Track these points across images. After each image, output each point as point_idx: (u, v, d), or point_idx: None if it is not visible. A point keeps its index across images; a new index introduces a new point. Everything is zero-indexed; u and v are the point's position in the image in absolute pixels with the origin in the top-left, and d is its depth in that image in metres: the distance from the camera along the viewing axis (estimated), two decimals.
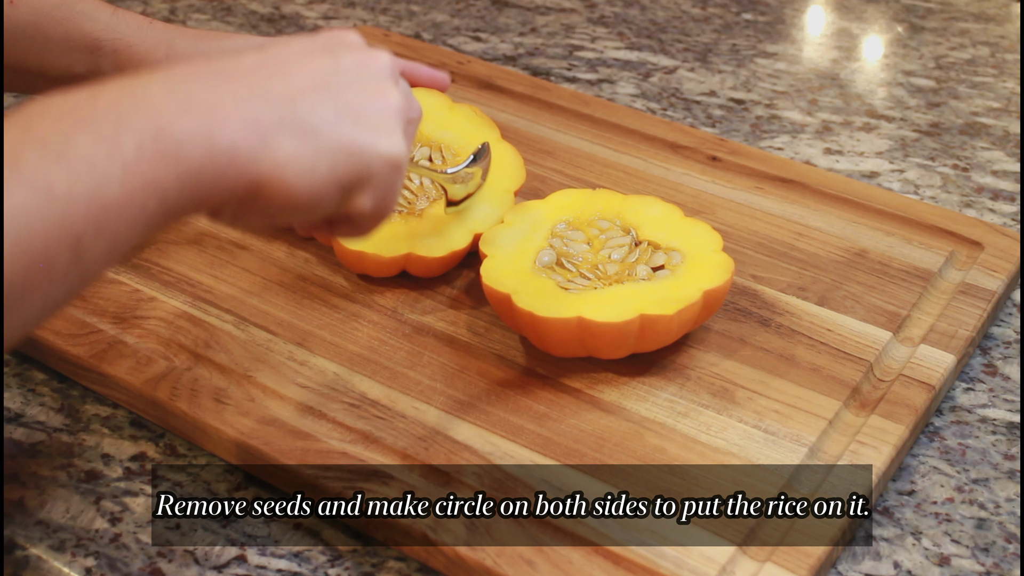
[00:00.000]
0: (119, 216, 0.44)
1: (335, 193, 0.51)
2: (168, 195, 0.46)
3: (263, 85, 0.49)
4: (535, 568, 0.57)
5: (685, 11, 1.20)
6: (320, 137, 0.50)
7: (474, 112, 0.81)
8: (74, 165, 0.43)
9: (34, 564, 0.61)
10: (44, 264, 0.42)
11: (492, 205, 0.76)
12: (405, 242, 0.74)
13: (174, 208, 0.47)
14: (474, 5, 1.20)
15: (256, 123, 0.48)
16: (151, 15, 1.15)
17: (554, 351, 0.68)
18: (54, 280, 0.43)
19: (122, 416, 0.70)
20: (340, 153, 0.50)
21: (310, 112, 0.50)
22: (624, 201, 0.75)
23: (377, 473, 0.62)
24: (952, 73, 1.08)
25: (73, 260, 0.43)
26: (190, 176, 0.46)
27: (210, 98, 0.47)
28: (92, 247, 0.44)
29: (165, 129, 0.45)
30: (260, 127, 0.48)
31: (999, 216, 0.87)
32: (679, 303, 0.66)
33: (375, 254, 0.73)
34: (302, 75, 0.51)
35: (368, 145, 0.51)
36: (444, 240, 0.74)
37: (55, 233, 0.42)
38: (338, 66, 0.53)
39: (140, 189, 0.44)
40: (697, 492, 0.61)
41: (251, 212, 0.50)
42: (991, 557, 0.62)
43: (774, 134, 0.98)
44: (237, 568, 0.61)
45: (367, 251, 0.73)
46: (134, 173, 0.44)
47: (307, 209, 0.51)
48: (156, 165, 0.45)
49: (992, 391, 0.73)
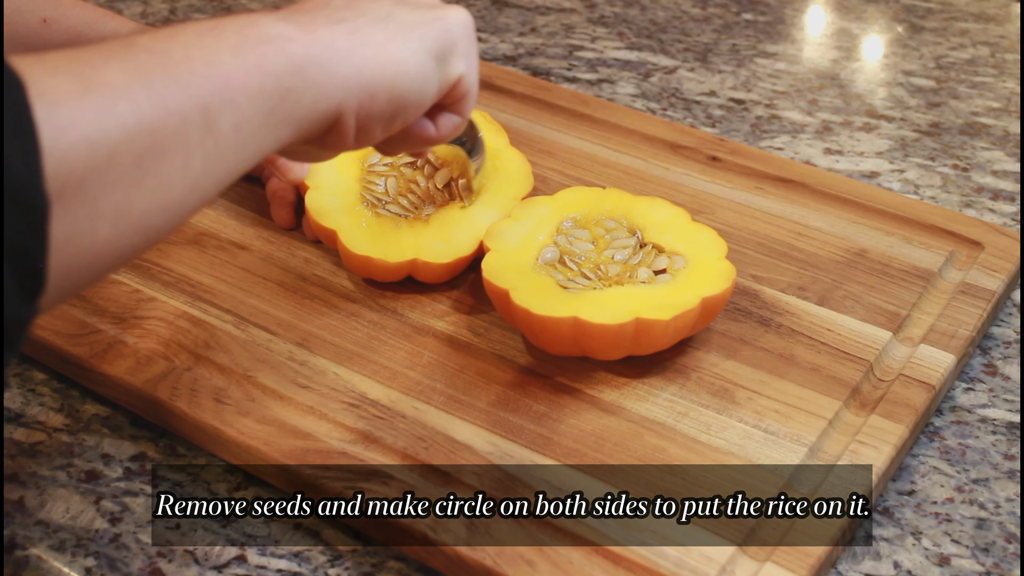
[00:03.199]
0: (240, 90, 0.47)
1: (434, 66, 0.55)
2: (283, 81, 0.48)
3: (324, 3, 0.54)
4: (535, 568, 0.57)
5: (685, 11, 1.20)
6: (397, 20, 0.55)
7: (482, 117, 0.81)
8: (186, 41, 0.46)
9: (34, 564, 0.61)
10: (178, 122, 0.44)
11: (501, 211, 0.76)
12: (411, 248, 0.73)
13: (295, 99, 0.49)
14: (474, 5, 1.20)
15: (340, 19, 0.52)
16: (151, 15, 1.15)
17: (549, 349, 0.68)
18: (190, 146, 0.45)
19: (122, 416, 0.70)
20: (421, 27, 0.55)
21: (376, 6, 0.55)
22: (633, 202, 0.75)
23: (377, 473, 0.62)
24: (952, 73, 1.08)
25: (205, 127, 0.45)
26: (298, 63, 0.49)
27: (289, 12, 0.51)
28: (221, 116, 0.46)
29: (266, 24, 0.49)
30: (345, 21, 0.52)
31: (999, 216, 0.87)
32: (676, 309, 0.66)
33: (381, 259, 0.73)
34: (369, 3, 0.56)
35: (437, 16, 0.57)
36: (450, 246, 0.74)
37: (182, 93, 0.45)
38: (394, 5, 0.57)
39: (253, 68, 0.47)
40: (697, 492, 0.61)
41: (372, 113, 0.53)
42: (991, 557, 0.62)
43: (774, 134, 0.98)
44: (237, 568, 0.61)
45: (373, 256, 0.73)
46: (244, 52, 0.47)
47: (419, 89, 0.55)
48: (264, 46, 0.48)
49: (992, 391, 0.73)
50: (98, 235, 0.42)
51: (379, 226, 0.74)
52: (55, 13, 0.74)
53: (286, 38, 0.49)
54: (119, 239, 0.43)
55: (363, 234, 0.73)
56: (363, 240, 0.73)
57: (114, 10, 1.15)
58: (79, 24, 0.74)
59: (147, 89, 0.43)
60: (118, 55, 0.44)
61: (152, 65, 0.44)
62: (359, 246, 0.73)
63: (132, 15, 1.15)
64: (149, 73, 0.44)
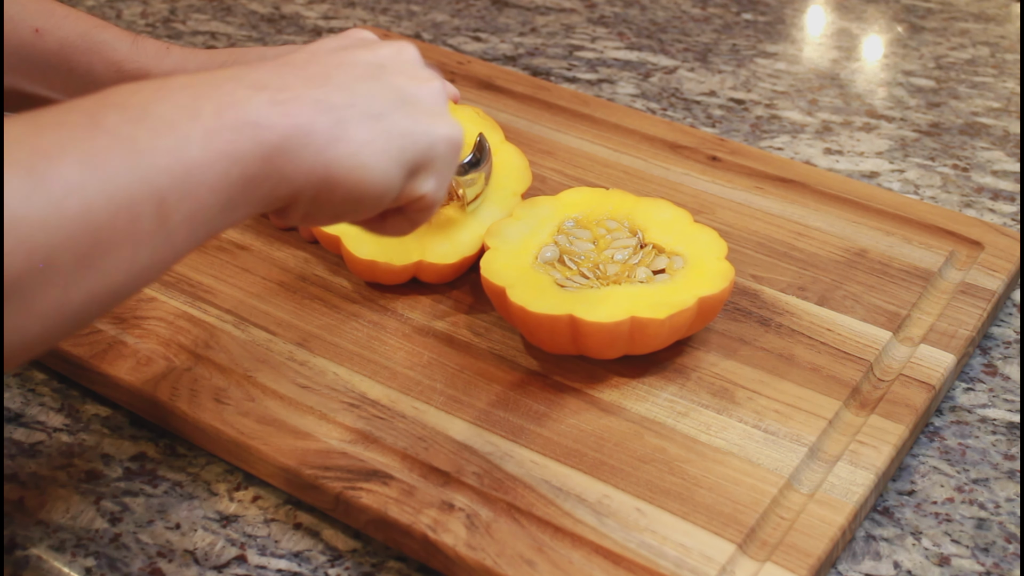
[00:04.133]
0: (202, 180, 0.45)
1: (402, 178, 0.52)
2: (249, 169, 0.46)
3: (322, 74, 0.51)
4: (535, 568, 0.57)
5: (685, 11, 1.20)
6: (387, 122, 0.51)
7: (477, 114, 0.81)
8: (155, 125, 0.44)
9: (34, 564, 0.61)
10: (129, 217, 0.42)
11: (501, 208, 0.76)
12: (416, 250, 0.73)
13: (255, 187, 0.47)
14: (474, 5, 1.20)
15: (329, 107, 0.49)
16: (151, 15, 1.15)
17: (546, 347, 0.68)
18: (139, 239, 0.43)
19: (122, 416, 0.70)
20: (406, 137, 0.52)
21: (372, 99, 0.51)
22: (636, 203, 0.75)
23: (377, 473, 0.62)
24: (952, 73, 1.08)
25: (158, 220, 0.43)
26: (269, 150, 0.47)
27: (280, 82, 0.49)
28: (176, 209, 0.44)
29: (242, 103, 0.46)
30: (333, 111, 0.49)
31: (999, 216, 0.87)
32: (671, 308, 0.66)
33: (386, 263, 0.73)
34: (353, 65, 0.52)
35: (430, 128, 0.53)
36: (455, 246, 0.74)
37: (139, 186, 0.43)
38: (377, 57, 0.54)
39: (222, 154, 0.45)
40: (697, 492, 0.61)
41: (324, 204, 0.51)
42: (991, 557, 0.62)
43: (774, 134, 0.98)
44: (237, 568, 0.61)
45: (378, 260, 0.72)
46: (214, 138, 0.45)
47: (377, 196, 0.52)
48: (235, 134, 0.46)
49: (992, 391, 0.73)
50: (28, 332, 0.41)
51: None
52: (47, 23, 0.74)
53: (264, 126, 0.46)
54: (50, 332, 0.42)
55: (366, 238, 0.73)
56: (367, 244, 0.73)
57: (114, 10, 1.15)
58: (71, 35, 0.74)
59: (102, 183, 0.42)
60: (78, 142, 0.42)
61: (113, 154, 0.42)
62: (363, 250, 0.73)
63: (132, 15, 1.15)
64: (107, 164, 0.42)
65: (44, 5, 0.75)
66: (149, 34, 1.12)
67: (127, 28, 1.12)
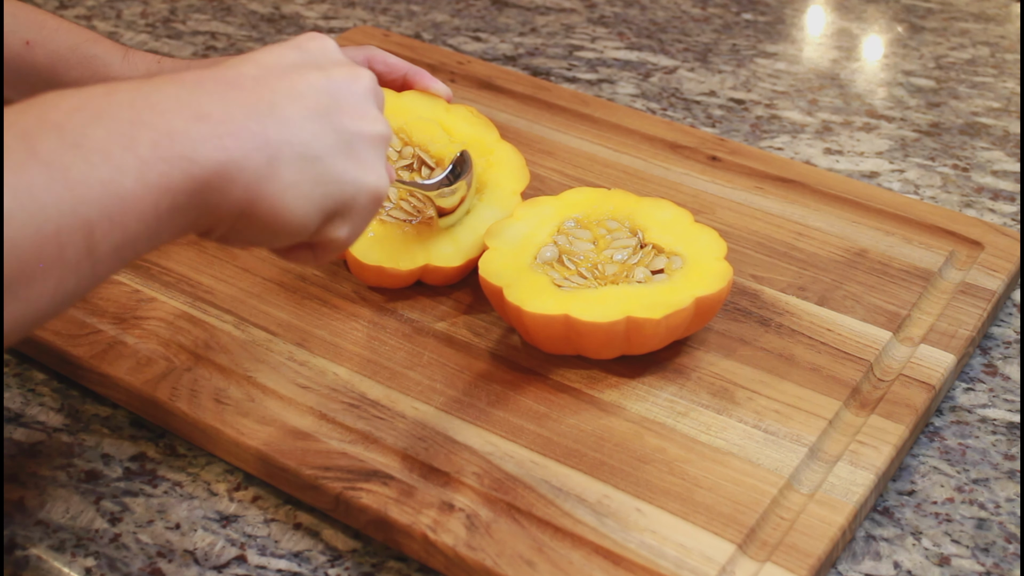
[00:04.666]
0: (132, 211, 0.44)
1: (317, 221, 0.52)
2: (178, 200, 0.46)
3: (269, 102, 0.50)
4: (535, 568, 0.57)
5: (685, 11, 1.20)
6: (320, 166, 0.51)
7: (471, 113, 0.81)
8: (90, 154, 0.43)
9: (34, 564, 0.61)
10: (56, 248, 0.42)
11: (501, 208, 0.76)
12: (421, 254, 0.73)
13: (182, 216, 0.47)
14: (474, 5, 1.20)
15: (266, 143, 0.48)
16: (151, 15, 1.15)
17: (543, 347, 0.68)
18: (65, 268, 0.43)
19: (122, 416, 0.70)
20: (333, 184, 0.51)
21: (313, 138, 0.51)
22: (637, 203, 0.75)
23: (377, 473, 0.62)
24: (952, 73, 1.08)
25: (85, 250, 0.43)
26: (200, 184, 0.46)
27: (222, 110, 0.48)
28: (104, 239, 0.44)
29: (180, 133, 0.46)
30: (269, 147, 0.49)
31: (999, 216, 0.87)
32: (667, 308, 0.66)
33: (393, 268, 0.72)
34: (304, 95, 0.51)
35: (359, 178, 0.52)
36: (459, 249, 0.74)
37: (69, 218, 0.42)
38: (331, 84, 0.53)
39: (154, 187, 0.45)
40: (697, 492, 0.61)
41: (240, 232, 0.50)
42: (991, 557, 0.62)
43: (774, 134, 0.98)
44: (237, 568, 0.61)
45: (385, 266, 0.72)
46: (149, 170, 0.45)
47: (292, 234, 0.51)
48: (170, 165, 0.45)
49: (992, 391, 0.73)
50: None
51: (386, 234, 0.74)
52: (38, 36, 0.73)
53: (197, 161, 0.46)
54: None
55: (371, 243, 0.73)
56: (372, 250, 0.73)
57: (114, 10, 1.15)
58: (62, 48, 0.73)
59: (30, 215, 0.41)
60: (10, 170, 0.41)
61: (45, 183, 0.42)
62: (369, 256, 0.73)
63: (132, 15, 1.15)
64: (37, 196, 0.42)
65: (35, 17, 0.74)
66: (149, 34, 1.12)
67: (127, 28, 1.12)
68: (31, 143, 0.43)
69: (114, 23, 1.14)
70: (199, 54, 1.09)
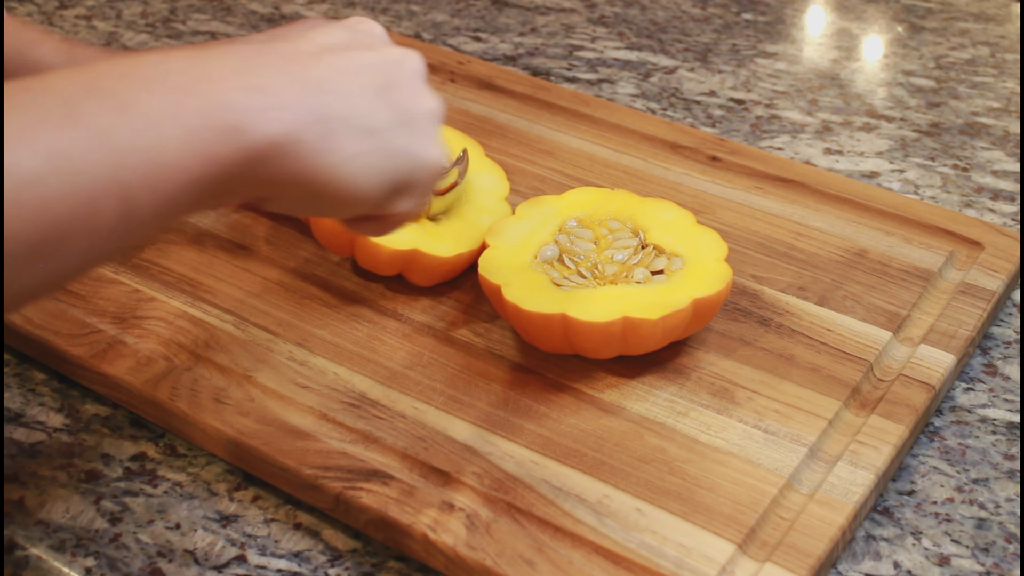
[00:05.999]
0: (174, 179, 0.44)
1: (382, 194, 0.52)
2: (228, 170, 0.45)
3: (325, 77, 0.49)
4: (535, 568, 0.57)
5: (685, 11, 1.20)
6: (379, 139, 0.50)
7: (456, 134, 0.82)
8: (136, 120, 0.43)
9: (34, 564, 0.61)
10: (91, 212, 0.41)
11: (489, 209, 0.77)
12: (408, 240, 0.73)
13: (231, 184, 0.46)
14: (474, 5, 1.20)
15: (322, 117, 0.48)
16: (151, 15, 1.15)
17: (540, 346, 0.69)
18: (99, 230, 0.42)
19: (122, 416, 0.70)
20: (395, 158, 0.51)
21: (371, 112, 0.50)
22: (639, 203, 0.75)
23: (377, 473, 0.62)
24: (952, 73, 1.08)
25: (121, 214, 0.43)
26: (252, 155, 0.46)
27: (278, 83, 0.47)
28: (142, 205, 0.43)
29: (233, 104, 0.45)
30: (326, 121, 0.48)
31: (999, 216, 0.87)
32: (665, 308, 0.66)
33: (377, 245, 0.72)
34: (359, 72, 0.51)
35: (419, 152, 0.53)
36: (447, 243, 0.74)
37: (105, 181, 0.42)
38: (385, 63, 0.53)
39: (199, 156, 0.44)
40: (697, 492, 0.61)
41: (304, 202, 0.50)
42: (991, 557, 0.62)
43: (774, 134, 0.98)
44: (237, 568, 0.61)
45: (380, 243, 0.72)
46: (195, 139, 0.44)
47: (358, 204, 0.51)
48: (219, 136, 0.45)
49: (992, 391, 0.73)
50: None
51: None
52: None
53: (249, 131, 0.45)
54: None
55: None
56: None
57: (114, 10, 1.15)
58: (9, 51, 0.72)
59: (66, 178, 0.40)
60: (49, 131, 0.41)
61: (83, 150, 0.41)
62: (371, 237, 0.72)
63: (132, 15, 1.15)
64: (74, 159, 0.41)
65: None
66: (149, 34, 1.12)
67: (127, 28, 1.12)
68: (74, 107, 0.42)
69: (114, 23, 1.14)
70: None
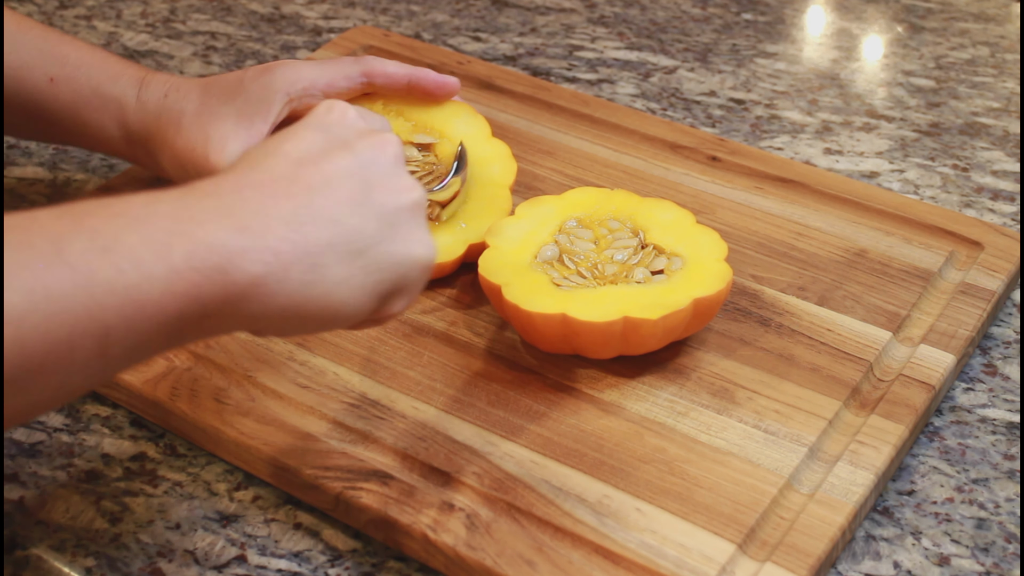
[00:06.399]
0: (153, 319, 0.44)
1: (374, 304, 0.52)
2: (207, 308, 0.45)
3: (307, 203, 0.49)
4: (535, 568, 0.57)
5: (685, 11, 1.20)
6: (366, 258, 0.50)
7: (465, 111, 0.81)
8: (120, 260, 0.43)
9: (34, 564, 0.61)
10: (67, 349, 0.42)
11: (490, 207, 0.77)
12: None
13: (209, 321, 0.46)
14: (474, 5, 1.20)
15: (307, 252, 0.48)
16: (151, 15, 1.15)
17: (540, 346, 0.69)
18: (74, 367, 0.43)
19: (122, 416, 0.70)
20: (384, 271, 0.51)
21: (356, 230, 0.50)
22: (639, 203, 0.75)
23: (377, 473, 0.62)
24: (952, 73, 1.08)
25: (97, 351, 0.43)
26: (235, 294, 0.46)
27: (261, 222, 0.47)
28: (118, 343, 0.43)
29: (218, 246, 0.45)
30: (312, 255, 0.48)
31: (999, 216, 0.87)
32: (665, 308, 0.66)
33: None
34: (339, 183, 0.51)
35: (408, 255, 0.52)
36: (447, 244, 0.74)
37: (85, 322, 0.42)
38: (360, 163, 0.52)
39: (181, 295, 0.44)
40: (697, 492, 0.61)
41: (295, 327, 0.50)
42: (991, 557, 0.62)
43: (774, 134, 0.98)
44: (237, 568, 0.61)
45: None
46: (179, 279, 0.44)
47: (349, 321, 0.52)
48: (203, 276, 0.45)
49: (992, 391, 0.73)
50: None
51: None
52: (62, 72, 0.72)
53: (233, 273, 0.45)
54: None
55: None
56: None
57: (114, 10, 1.15)
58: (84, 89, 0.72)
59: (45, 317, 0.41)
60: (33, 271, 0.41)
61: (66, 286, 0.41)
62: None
63: (132, 15, 1.15)
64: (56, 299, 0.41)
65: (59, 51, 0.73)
66: (149, 34, 1.12)
67: (127, 28, 1.12)
68: (60, 244, 0.42)
69: (114, 23, 1.14)
70: (199, 54, 1.09)
